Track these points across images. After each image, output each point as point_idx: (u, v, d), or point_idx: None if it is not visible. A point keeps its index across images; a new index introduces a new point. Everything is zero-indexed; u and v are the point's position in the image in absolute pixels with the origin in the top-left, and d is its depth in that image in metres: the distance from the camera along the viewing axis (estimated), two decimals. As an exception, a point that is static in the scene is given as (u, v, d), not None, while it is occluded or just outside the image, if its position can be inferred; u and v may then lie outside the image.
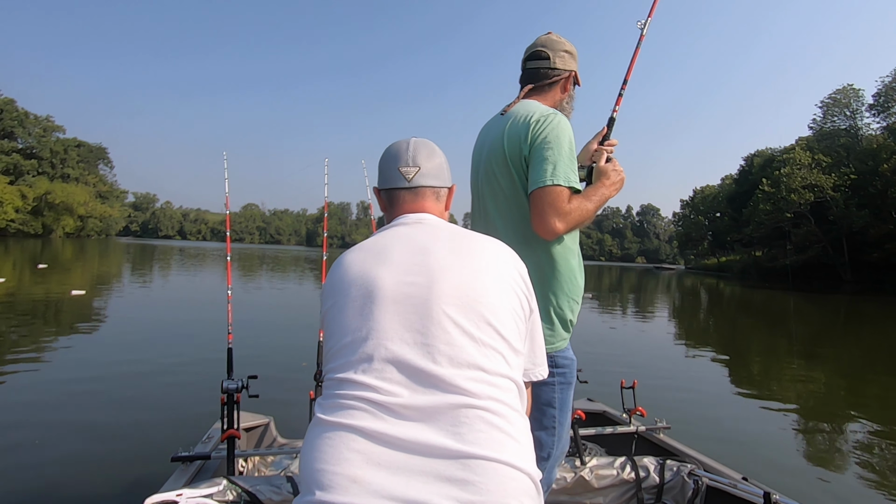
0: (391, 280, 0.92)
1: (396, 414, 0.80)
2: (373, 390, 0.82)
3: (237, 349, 2.18)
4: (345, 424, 0.80)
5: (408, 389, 0.82)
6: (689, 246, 71.21)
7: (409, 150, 1.09)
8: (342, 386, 0.85)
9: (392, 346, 0.86)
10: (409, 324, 0.87)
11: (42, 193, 53.23)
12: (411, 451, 0.78)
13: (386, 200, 1.13)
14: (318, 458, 0.79)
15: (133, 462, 2.95)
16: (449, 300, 0.89)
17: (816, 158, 38.84)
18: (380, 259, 0.96)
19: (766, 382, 6.20)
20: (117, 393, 4.25)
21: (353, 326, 0.90)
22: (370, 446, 0.78)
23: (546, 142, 1.38)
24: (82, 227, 62.30)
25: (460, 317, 0.88)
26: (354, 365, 0.86)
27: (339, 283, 0.97)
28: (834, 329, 12.63)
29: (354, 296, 0.93)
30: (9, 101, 54.14)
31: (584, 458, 1.99)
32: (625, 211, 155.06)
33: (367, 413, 0.80)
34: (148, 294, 12.41)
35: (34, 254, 26.05)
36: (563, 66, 1.58)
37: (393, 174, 1.09)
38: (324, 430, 0.82)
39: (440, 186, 1.12)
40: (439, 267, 0.93)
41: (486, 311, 0.90)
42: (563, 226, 1.36)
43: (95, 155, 69.01)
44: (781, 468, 3.35)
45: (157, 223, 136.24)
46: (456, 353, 0.85)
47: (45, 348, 5.77)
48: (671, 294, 23.21)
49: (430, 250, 0.96)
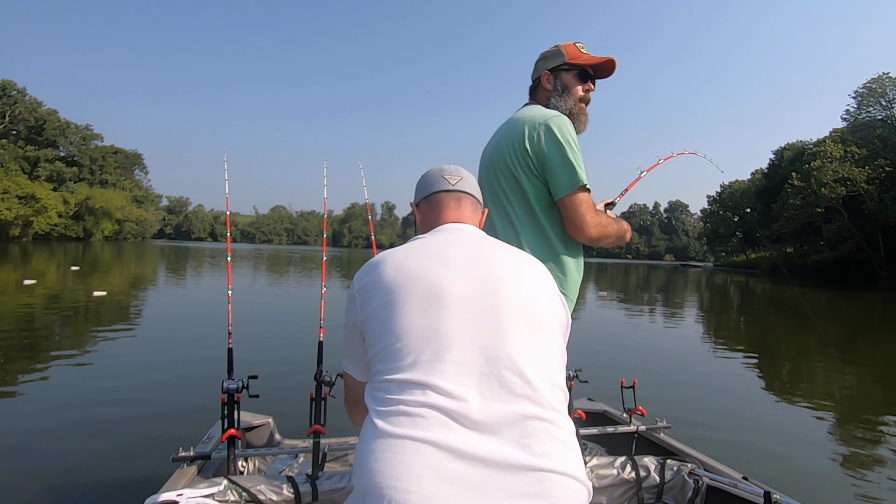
0: (459, 283, 0.91)
1: (467, 423, 0.79)
2: (443, 394, 0.81)
3: (240, 349, 2.18)
4: (414, 437, 0.78)
5: (478, 394, 0.81)
6: (717, 243, 69.34)
7: (452, 166, 1.18)
8: (405, 389, 0.82)
9: (463, 350, 0.84)
10: (480, 328, 0.86)
11: (83, 199, 55.63)
12: (483, 464, 0.76)
13: (427, 207, 1.14)
14: (388, 473, 0.76)
15: (133, 462, 2.95)
16: (514, 309, 0.90)
17: (849, 151, 37.43)
18: (440, 261, 0.94)
19: (789, 383, 6.08)
20: (117, 393, 4.25)
21: (418, 326, 0.87)
22: (442, 461, 0.76)
23: (555, 146, 1.47)
24: (120, 230, 64.77)
25: (525, 326, 0.89)
26: (421, 366, 0.83)
27: (393, 281, 0.92)
28: (869, 328, 12.08)
29: (417, 295, 0.90)
30: (52, 111, 56.78)
31: (584, 458, 1.93)
32: (652, 208, 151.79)
33: (437, 423, 0.79)
34: (165, 294, 12.49)
35: (75, 256, 27.12)
36: (535, 74, 1.73)
37: (437, 180, 1.14)
38: (390, 442, 0.79)
39: (479, 199, 1.17)
40: (500, 276, 0.93)
41: (545, 321, 0.92)
42: (596, 232, 1.49)
43: (131, 161, 71.70)
44: (783, 468, 3.31)
45: (190, 226, 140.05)
46: (524, 361, 0.85)
47: (51, 348, 5.85)
48: (695, 292, 22.63)
49: (488, 259, 0.97)
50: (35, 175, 52.14)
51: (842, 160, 37.19)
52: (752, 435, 3.98)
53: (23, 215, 47.46)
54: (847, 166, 36.52)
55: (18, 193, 46.74)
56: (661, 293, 20.81)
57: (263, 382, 1.98)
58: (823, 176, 36.70)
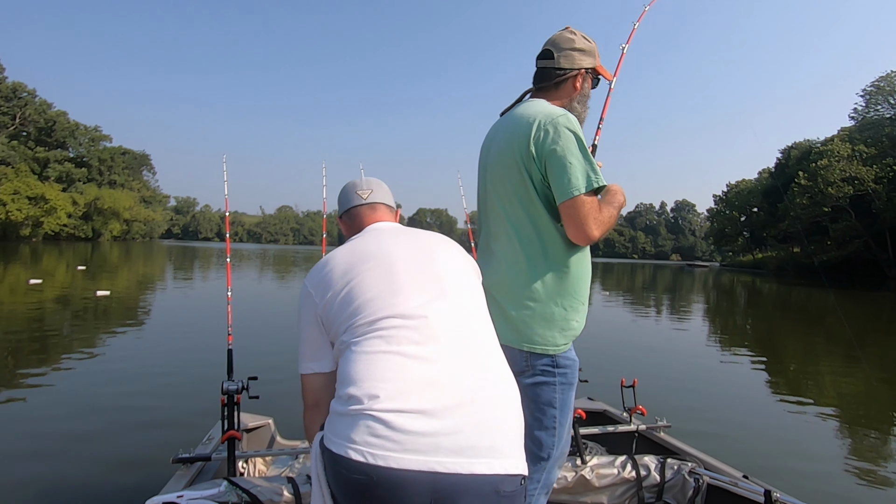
0: (400, 250, 1.18)
1: (426, 339, 1.03)
2: (405, 318, 1.05)
3: (240, 350, 2.17)
4: (386, 350, 1.01)
5: (434, 315, 1.07)
6: (724, 242, 68.89)
7: (363, 180, 1.41)
8: (374, 323, 1.05)
9: (416, 290, 1.11)
10: (426, 276, 1.14)
11: (91, 199, 56.06)
12: (440, 366, 1.01)
13: (348, 219, 1.38)
14: (365, 376, 0.98)
15: (133, 464, 2.96)
16: (445, 263, 1.19)
17: (857, 149, 37.10)
18: (379, 243, 1.20)
19: (791, 382, 6.12)
20: (118, 394, 4.26)
21: (378, 283, 1.10)
22: (408, 365, 0.99)
23: (561, 147, 1.35)
24: (128, 230, 65.26)
25: (455, 272, 1.20)
26: (385, 306, 1.07)
27: (347, 265, 1.15)
28: (878, 327, 12.01)
29: (370, 266, 1.13)
30: (61, 113, 57.27)
31: (584, 457, 1.98)
32: (658, 207, 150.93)
33: (404, 339, 1.03)
34: (168, 295, 12.62)
35: (83, 256, 27.40)
36: (569, 65, 1.50)
37: (352, 196, 1.38)
38: (367, 356, 1.01)
39: (390, 204, 1.41)
40: (429, 244, 1.23)
41: (469, 270, 1.25)
42: (600, 233, 1.37)
43: (139, 162, 72.17)
44: (783, 467, 3.33)
45: (197, 226, 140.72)
46: (464, 300, 1.15)
47: (52, 349, 5.87)
48: (700, 292, 22.51)
49: (414, 235, 1.26)
50: (45, 176, 52.65)
51: (849, 159, 36.85)
52: (753, 433, 3.99)
53: (33, 216, 47.95)
54: (855, 165, 36.16)
55: (28, 194, 47.22)
56: (666, 293, 20.74)
57: (263, 384, 1.98)
58: (831, 175, 36.37)
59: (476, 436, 0.95)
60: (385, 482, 0.91)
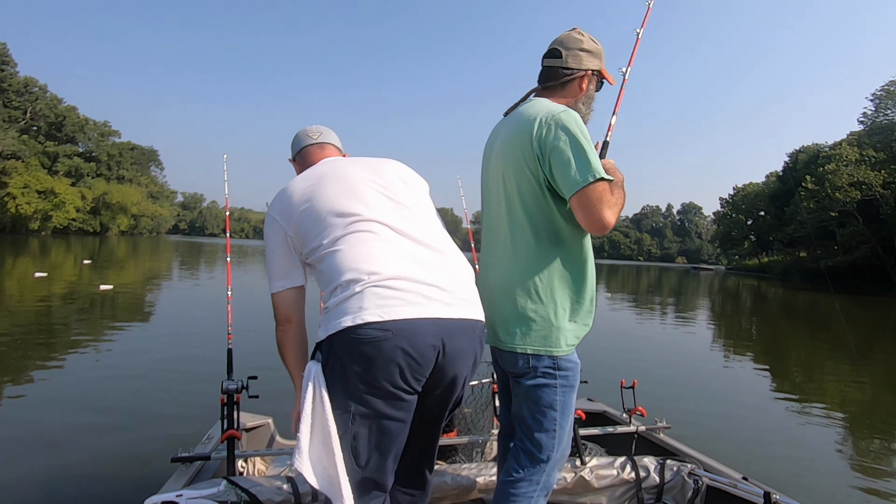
0: (353, 169, 1.36)
1: (398, 231, 1.26)
2: (375, 216, 1.25)
3: (240, 349, 2.17)
4: (370, 240, 1.22)
5: (398, 217, 1.29)
6: (730, 246, 68.51)
7: (314, 126, 1.57)
8: (351, 224, 1.24)
9: (381, 197, 1.31)
10: (379, 186, 1.32)
11: (100, 194, 56.49)
12: (420, 249, 1.25)
13: (300, 159, 1.53)
14: (362, 259, 1.18)
15: (132, 462, 2.94)
16: (400, 176, 1.40)
17: (865, 154, 36.77)
18: (333, 168, 1.37)
19: (792, 384, 6.12)
20: (117, 392, 4.24)
21: (342, 195, 1.28)
22: (393, 250, 1.22)
23: (564, 141, 1.34)
24: (135, 225, 65.70)
25: (411, 182, 1.41)
26: (360, 212, 1.25)
27: (307, 188, 1.31)
28: (884, 334, 11.93)
29: (330, 184, 1.30)
30: (71, 108, 57.71)
31: (584, 458, 1.99)
32: (665, 209, 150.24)
33: (382, 231, 1.24)
34: (171, 290, 12.59)
35: (91, 251, 27.57)
36: (577, 66, 1.51)
37: (304, 138, 1.54)
38: (354, 248, 1.20)
39: (338, 146, 1.57)
40: (377, 164, 1.40)
41: (417, 184, 1.44)
42: (615, 217, 1.34)
43: (147, 157, 72.63)
44: (783, 469, 3.33)
45: (204, 222, 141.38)
46: (412, 200, 1.36)
47: (52, 345, 5.84)
48: (705, 295, 22.40)
49: (364, 160, 1.42)
50: (54, 170, 53.08)
51: (857, 163, 36.54)
52: (753, 435, 3.99)
53: (42, 209, 48.47)
54: (863, 170, 35.87)
55: (38, 188, 47.74)
56: (671, 296, 20.65)
57: (263, 383, 1.99)
58: (838, 179, 36.08)
59: (460, 292, 1.24)
60: (404, 332, 1.12)
